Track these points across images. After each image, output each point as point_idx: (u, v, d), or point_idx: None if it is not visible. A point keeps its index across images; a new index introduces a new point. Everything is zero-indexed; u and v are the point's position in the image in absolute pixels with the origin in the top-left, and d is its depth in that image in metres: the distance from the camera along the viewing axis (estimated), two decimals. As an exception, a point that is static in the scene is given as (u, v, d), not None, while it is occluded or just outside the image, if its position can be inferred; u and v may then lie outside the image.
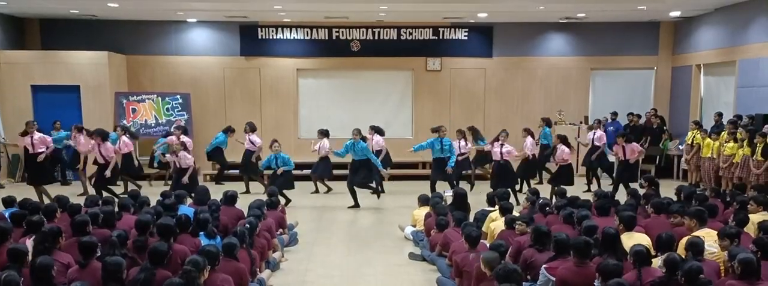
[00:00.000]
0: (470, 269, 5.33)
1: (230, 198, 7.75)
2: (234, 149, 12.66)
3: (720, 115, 12.14)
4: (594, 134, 11.91)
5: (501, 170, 10.50)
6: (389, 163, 12.11)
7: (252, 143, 11.87)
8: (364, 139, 10.75)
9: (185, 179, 9.77)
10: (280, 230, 7.84)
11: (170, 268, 4.93)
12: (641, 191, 8.20)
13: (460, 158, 11.21)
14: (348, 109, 14.87)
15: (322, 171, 11.67)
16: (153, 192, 9.31)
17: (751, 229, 6.08)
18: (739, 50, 12.14)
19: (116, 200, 7.79)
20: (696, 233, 5.52)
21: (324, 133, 11.53)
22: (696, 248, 4.89)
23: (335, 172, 11.86)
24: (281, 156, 10.54)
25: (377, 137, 12.08)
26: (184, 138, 11.20)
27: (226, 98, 14.77)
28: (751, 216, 6.36)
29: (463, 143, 11.68)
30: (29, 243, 5.39)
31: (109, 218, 6.28)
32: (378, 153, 11.64)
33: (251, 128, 12.02)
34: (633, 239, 5.42)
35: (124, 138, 11.42)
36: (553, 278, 4.84)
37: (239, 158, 12.19)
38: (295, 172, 10.81)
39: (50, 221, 6.27)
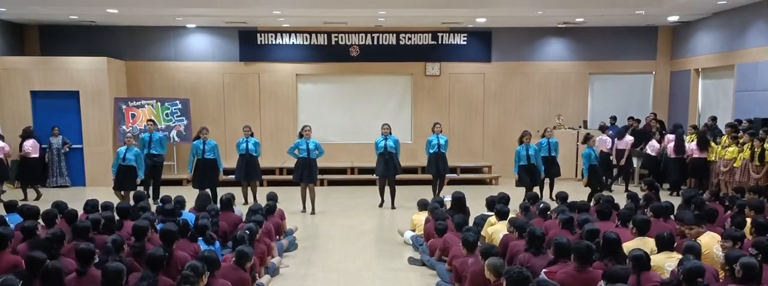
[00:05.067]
0: (468, 273, 5.33)
1: (226, 203, 7.74)
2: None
3: (713, 119, 12.16)
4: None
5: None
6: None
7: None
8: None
9: None
10: (278, 236, 7.83)
11: (171, 274, 4.91)
12: (641, 194, 8.21)
13: None
14: (347, 114, 14.89)
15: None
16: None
17: (748, 232, 6.08)
18: (737, 55, 12.16)
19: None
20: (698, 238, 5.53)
21: None
22: (693, 252, 4.89)
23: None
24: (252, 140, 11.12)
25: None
26: None
27: (226, 104, 14.78)
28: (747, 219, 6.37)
29: None
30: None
31: (109, 224, 6.28)
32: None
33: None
34: (647, 245, 5.39)
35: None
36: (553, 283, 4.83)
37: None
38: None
39: (50, 226, 6.29)
